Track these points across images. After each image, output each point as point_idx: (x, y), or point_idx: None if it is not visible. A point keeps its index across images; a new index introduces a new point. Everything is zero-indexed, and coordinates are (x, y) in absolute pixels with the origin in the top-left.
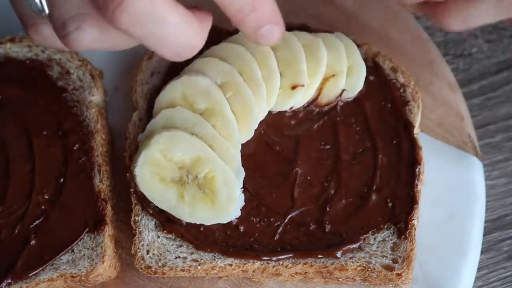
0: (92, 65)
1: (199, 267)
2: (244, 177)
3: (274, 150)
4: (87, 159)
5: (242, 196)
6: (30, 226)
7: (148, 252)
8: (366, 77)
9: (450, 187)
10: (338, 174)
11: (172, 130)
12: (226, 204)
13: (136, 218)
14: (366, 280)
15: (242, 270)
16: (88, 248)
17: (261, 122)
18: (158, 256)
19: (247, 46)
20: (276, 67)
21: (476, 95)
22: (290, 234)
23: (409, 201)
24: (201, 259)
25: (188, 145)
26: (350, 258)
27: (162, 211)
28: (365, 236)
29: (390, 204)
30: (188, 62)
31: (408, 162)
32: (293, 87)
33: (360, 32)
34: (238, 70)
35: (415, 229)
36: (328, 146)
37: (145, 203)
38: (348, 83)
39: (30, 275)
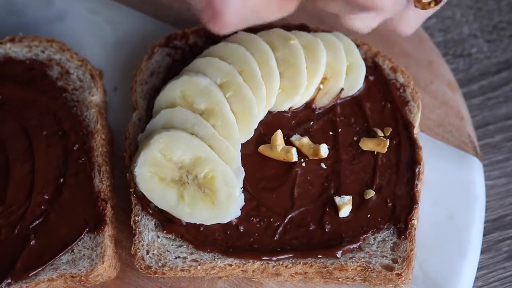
0: (92, 65)
1: (199, 267)
2: (244, 177)
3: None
4: (87, 159)
5: (242, 196)
6: (30, 226)
7: (148, 252)
8: (366, 77)
9: (450, 187)
10: (338, 174)
11: (172, 130)
12: (226, 204)
13: (136, 218)
14: (366, 280)
15: (242, 270)
16: (88, 248)
17: (261, 122)
18: (158, 256)
19: (247, 46)
20: (276, 67)
21: (476, 95)
22: (290, 234)
23: (409, 201)
24: (201, 259)
25: (188, 145)
26: (350, 258)
27: (162, 211)
28: (365, 236)
29: (390, 204)
30: (188, 62)
31: (408, 162)
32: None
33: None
34: (238, 70)
35: (415, 229)
36: (328, 146)
37: (145, 203)
38: (347, 82)
39: (30, 275)
